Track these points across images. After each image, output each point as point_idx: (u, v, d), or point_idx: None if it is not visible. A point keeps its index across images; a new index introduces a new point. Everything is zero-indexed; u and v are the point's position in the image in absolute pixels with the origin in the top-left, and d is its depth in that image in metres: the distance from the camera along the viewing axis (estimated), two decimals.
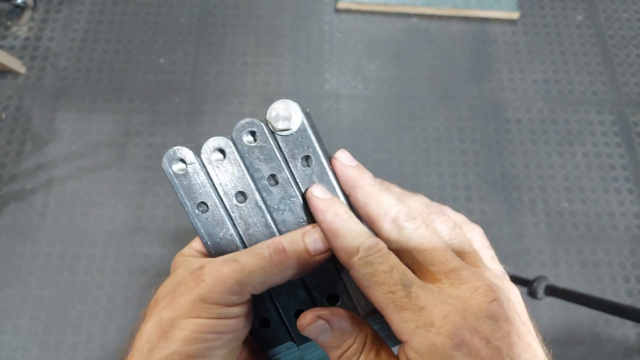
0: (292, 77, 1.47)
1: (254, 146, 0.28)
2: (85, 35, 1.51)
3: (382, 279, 0.23)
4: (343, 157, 0.28)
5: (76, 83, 1.44)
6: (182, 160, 0.29)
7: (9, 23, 1.51)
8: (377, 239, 0.25)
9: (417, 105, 1.45)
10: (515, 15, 1.58)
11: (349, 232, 0.25)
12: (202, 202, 0.29)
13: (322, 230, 0.26)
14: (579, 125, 1.45)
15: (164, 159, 0.29)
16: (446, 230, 0.26)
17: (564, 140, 1.43)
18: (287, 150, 0.28)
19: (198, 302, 0.25)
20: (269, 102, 1.52)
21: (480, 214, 1.32)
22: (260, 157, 0.28)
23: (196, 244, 0.30)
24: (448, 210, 0.30)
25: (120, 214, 1.28)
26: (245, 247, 0.29)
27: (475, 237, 0.28)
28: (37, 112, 1.39)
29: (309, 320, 0.26)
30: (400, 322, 0.23)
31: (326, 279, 0.29)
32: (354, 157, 0.29)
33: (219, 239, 0.29)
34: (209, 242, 0.29)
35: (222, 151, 0.29)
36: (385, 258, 0.24)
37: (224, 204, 0.29)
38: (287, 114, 0.27)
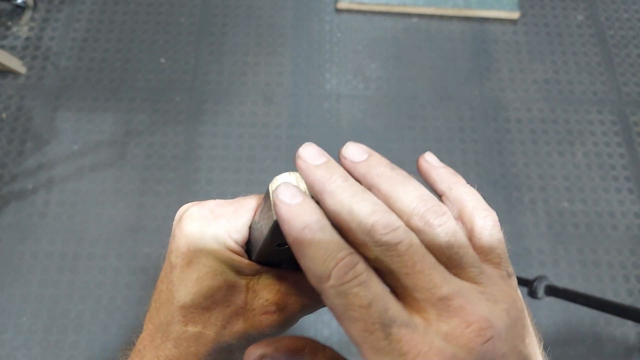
0: (293, 76, 1.48)
1: None
2: (86, 34, 1.51)
3: (357, 315, 0.19)
4: (307, 154, 0.23)
5: (77, 82, 1.44)
6: None
7: (9, 23, 1.51)
8: (355, 260, 0.20)
9: (418, 105, 1.45)
10: (515, 15, 1.58)
11: (319, 250, 0.20)
12: None
13: (290, 245, 0.21)
14: (580, 125, 1.45)
15: None
16: (444, 237, 0.22)
17: (564, 140, 1.43)
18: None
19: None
20: (270, 101, 1.52)
21: None
22: None
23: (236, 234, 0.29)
24: (460, 189, 0.26)
25: (121, 213, 1.28)
26: None
27: (485, 230, 0.25)
28: (38, 112, 1.39)
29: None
30: None
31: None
32: None
33: None
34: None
35: None
36: (362, 288, 0.19)
37: None
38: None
